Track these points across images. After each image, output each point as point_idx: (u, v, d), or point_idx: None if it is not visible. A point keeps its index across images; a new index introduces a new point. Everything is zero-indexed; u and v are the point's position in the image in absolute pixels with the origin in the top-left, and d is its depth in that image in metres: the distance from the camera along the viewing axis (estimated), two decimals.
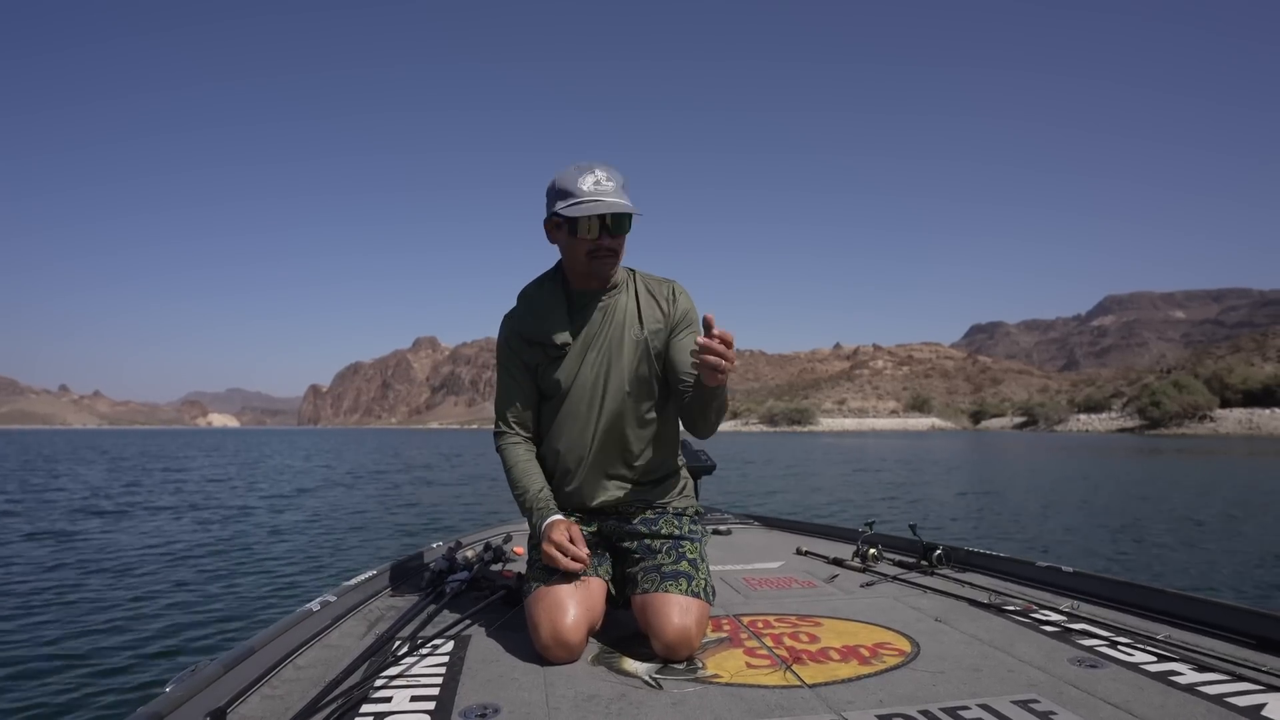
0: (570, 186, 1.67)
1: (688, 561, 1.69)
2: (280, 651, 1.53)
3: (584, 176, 1.66)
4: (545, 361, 1.78)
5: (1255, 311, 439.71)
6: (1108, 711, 1.24)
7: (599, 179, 1.66)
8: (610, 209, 1.64)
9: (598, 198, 1.65)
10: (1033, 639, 1.64)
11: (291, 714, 1.24)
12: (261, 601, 5.00)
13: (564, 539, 1.63)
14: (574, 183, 1.66)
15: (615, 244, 1.71)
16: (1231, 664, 1.42)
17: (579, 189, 1.65)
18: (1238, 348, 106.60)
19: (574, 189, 1.66)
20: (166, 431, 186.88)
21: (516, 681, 1.43)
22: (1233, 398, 71.93)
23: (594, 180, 1.66)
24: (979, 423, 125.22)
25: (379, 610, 1.95)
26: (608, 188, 1.66)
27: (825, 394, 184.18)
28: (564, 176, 1.69)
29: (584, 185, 1.66)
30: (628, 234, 1.73)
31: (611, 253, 1.71)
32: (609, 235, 1.69)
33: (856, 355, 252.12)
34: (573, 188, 1.66)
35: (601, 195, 1.65)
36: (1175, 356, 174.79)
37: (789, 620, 1.84)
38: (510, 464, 1.82)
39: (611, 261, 1.73)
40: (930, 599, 2.04)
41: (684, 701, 1.33)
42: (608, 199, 1.65)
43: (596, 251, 1.70)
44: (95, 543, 7.50)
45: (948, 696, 1.32)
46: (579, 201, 1.65)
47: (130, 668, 3.62)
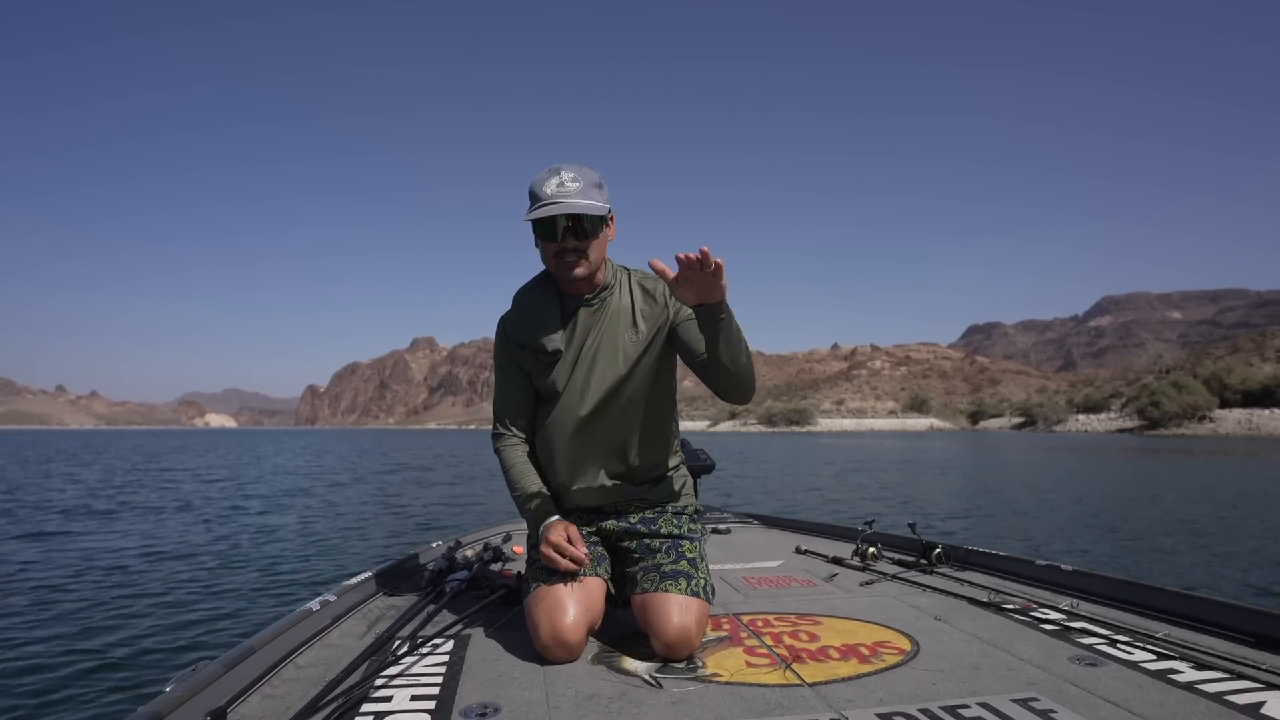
0: (536, 190, 1.64)
1: (687, 561, 1.69)
2: (280, 651, 1.53)
3: (549, 180, 1.63)
4: (539, 366, 1.78)
5: (1252, 312, 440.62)
6: (1107, 710, 1.24)
7: (563, 180, 1.63)
8: (565, 210, 1.60)
9: (558, 199, 1.61)
10: (1032, 637, 1.65)
11: (292, 713, 1.24)
12: (261, 601, 4.99)
13: (562, 539, 1.63)
14: (540, 186, 1.63)
15: (581, 245, 1.65)
16: (1231, 662, 1.42)
17: (543, 192, 1.62)
18: (1236, 348, 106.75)
19: (539, 192, 1.63)
20: (163, 432, 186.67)
21: (516, 681, 1.43)
22: (1232, 398, 71.94)
23: (557, 183, 1.62)
24: (977, 423, 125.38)
25: (379, 610, 1.95)
26: (571, 189, 1.62)
27: (824, 394, 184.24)
28: (534, 181, 1.66)
29: (548, 189, 1.62)
30: (597, 236, 1.67)
31: (578, 253, 1.66)
32: (574, 237, 1.65)
33: (854, 356, 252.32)
34: (538, 191, 1.63)
35: (563, 197, 1.61)
36: (1172, 357, 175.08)
37: (789, 619, 1.84)
38: (508, 465, 1.82)
39: (578, 263, 1.67)
40: (930, 598, 2.04)
41: (684, 700, 1.33)
42: (568, 200, 1.61)
43: (562, 254, 1.66)
44: (94, 543, 7.48)
45: (948, 695, 1.32)
46: (540, 205, 1.62)
47: (130, 667, 3.62)
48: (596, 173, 1.69)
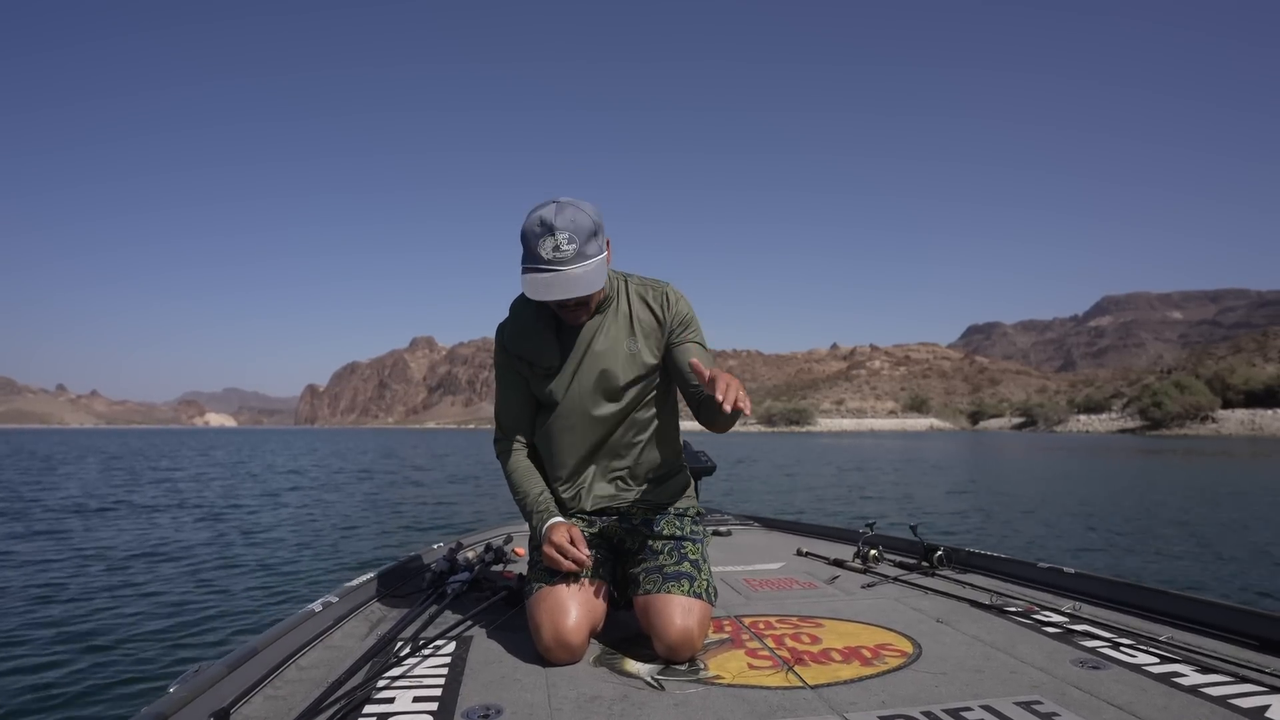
0: (529, 246, 1.58)
1: (689, 562, 1.69)
2: (283, 652, 1.53)
3: (543, 241, 1.55)
4: (537, 377, 1.78)
5: (1252, 312, 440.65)
6: (1111, 713, 1.24)
7: (558, 244, 1.54)
8: (562, 295, 1.56)
9: (554, 268, 1.55)
10: (1035, 640, 1.64)
11: (294, 714, 1.24)
12: (263, 602, 4.99)
13: (564, 541, 1.62)
14: (534, 243, 1.56)
15: (583, 300, 1.64)
16: (1234, 665, 1.42)
17: (537, 254, 1.56)
18: (1238, 348, 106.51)
19: (532, 251, 1.57)
20: (163, 431, 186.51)
21: (519, 682, 1.43)
22: (1234, 398, 71.73)
23: (552, 246, 1.54)
24: (977, 423, 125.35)
25: (381, 611, 1.96)
26: (566, 253, 1.55)
27: (823, 394, 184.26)
28: (526, 229, 1.58)
29: (543, 252, 1.55)
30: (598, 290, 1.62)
31: (581, 305, 1.66)
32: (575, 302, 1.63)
33: (854, 355, 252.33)
34: (531, 248, 1.57)
35: (559, 264, 1.55)
36: (1173, 357, 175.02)
37: (790, 621, 1.84)
38: (510, 469, 1.83)
39: (581, 312, 1.68)
40: (932, 600, 2.04)
41: (686, 702, 1.32)
42: (565, 268, 1.55)
43: (563, 309, 1.67)
44: (95, 542, 7.47)
45: (950, 698, 1.32)
46: (535, 270, 1.57)
47: (133, 668, 3.61)
48: (590, 213, 1.60)
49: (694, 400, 1.72)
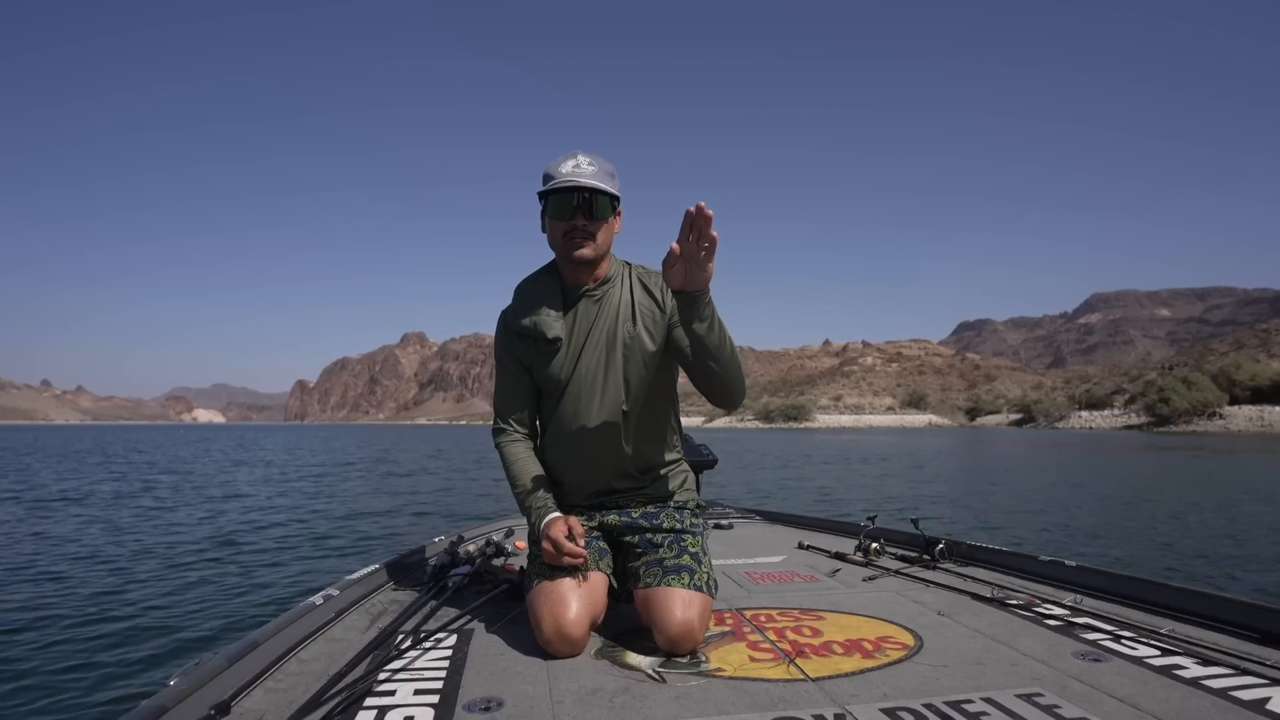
0: (551, 171, 1.71)
1: (690, 555, 1.68)
2: (284, 645, 1.52)
3: (565, 161, 1.70)
4: (540, 358, 1.78)
5: (1239, 310, 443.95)
6: (1112, 705, 1.24)
7: (579, 163, 1.70)
8: (580, 183, 1.66)
9: (573, 179, 1.67)
10: (1036, 633, 1.65)
11: (295, 707, 1.23)
12: (264, 595, 4.96)
13: (563, 535, 1.62)
14: (555, 168, 1.70)
15: (590, 226, 1.70)
16: (1236, 658, 1.42)
17: (558, 172, 1.69)
18: (1241, 344, 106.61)
19: (553, 173, 1.70)
20: (151, 427, 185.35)
21: (520, 675, 1.42)
22: (1241, 395, 71.28)
23: (573, 164, 1.69)
24: (974, 419, 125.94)
25: (382, 604, 1.95)
26: (586, 171, 1.69)
27: (820, 390, 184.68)
28: (550, 164, 1.73)
29: (563, 169, 1.69)
30: (607, 219, 1.73)
31: (586, 234, 1.71)
32: (584, 216, 1.69)
33: (846, 352, 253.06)
34: (553, 172, 1.70)
35: (578, 177, 1.68)
36: (1161, 354, 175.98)
37: (791, 614, 1.84)
38: (509, 461, 1.82)
39: (585, 243, 1.71)
40: (933, 593, 2.04)
41: (687, 695, 1.32)
42: (583, 180, 1.67)
43: (570, 232, 1.70)
44: (95, 536, 7.42)
45: (951, 690, 1.32)
46: (555, 182, 1.68)
47: (134, 661, 3.59)
48: (611, 164, 1.75)
49: (691, 369, 1.69)
